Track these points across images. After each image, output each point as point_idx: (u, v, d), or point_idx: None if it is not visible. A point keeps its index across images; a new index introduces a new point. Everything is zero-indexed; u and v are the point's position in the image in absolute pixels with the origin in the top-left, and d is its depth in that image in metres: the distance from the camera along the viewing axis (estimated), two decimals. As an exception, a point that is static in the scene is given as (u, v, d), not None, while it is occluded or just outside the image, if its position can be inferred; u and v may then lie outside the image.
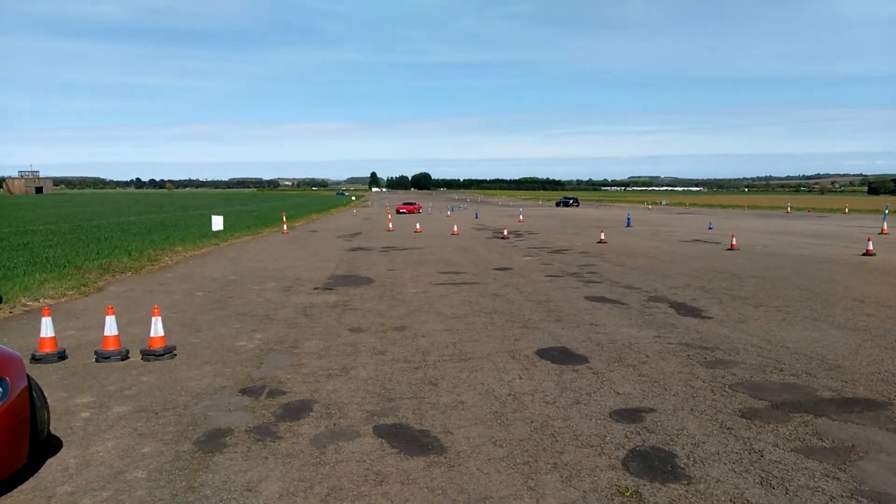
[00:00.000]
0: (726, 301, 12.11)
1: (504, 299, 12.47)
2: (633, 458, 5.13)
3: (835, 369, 7.55)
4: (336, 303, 12.17)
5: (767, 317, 10.63)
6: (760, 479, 4.72)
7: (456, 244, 25.47)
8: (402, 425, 5.90)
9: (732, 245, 22.67)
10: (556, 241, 27.02)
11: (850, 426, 5.77)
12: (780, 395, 6.64)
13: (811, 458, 5.08)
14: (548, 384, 7.09)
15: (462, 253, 21.94)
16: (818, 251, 21.71)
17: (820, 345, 8.70)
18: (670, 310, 11.34)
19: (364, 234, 31.88)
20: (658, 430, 5.71)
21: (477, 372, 7.56)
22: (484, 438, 5.57)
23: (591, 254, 21.28)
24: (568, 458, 5.15)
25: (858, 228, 34.36)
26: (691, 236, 29.12)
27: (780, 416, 6.02)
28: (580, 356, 8.26)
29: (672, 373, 7.47)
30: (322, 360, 8.09)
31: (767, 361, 7.90)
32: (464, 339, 9.17)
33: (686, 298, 12.45)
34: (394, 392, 6.84)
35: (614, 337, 9.29)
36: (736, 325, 10.03)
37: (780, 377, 7.26)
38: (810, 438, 5.50)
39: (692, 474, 4.82)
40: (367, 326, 10.07)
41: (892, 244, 24.32)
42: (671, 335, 9.37)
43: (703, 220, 45.19)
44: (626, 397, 6.64)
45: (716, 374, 7.42)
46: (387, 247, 24.34)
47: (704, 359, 8.06)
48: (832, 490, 4.55)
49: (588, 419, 6.02)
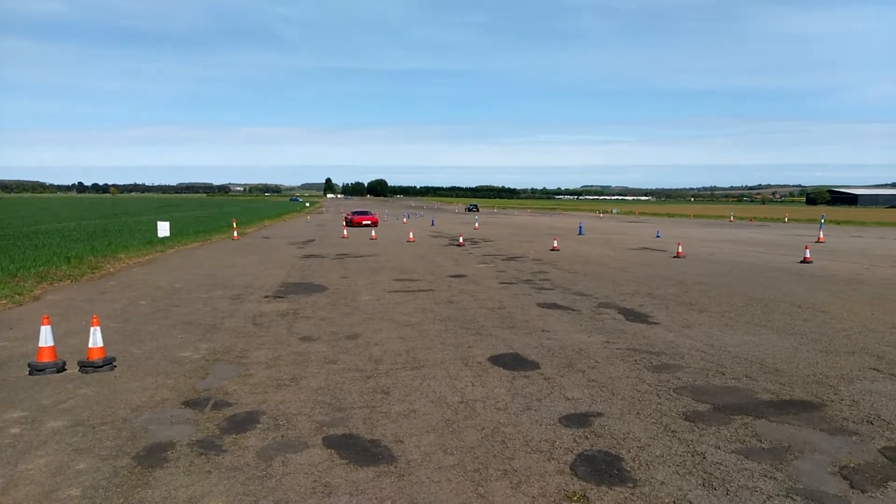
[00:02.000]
0: (672, 307, 12.41)
1: (458, 306, 12.50)
2: (582, 463, 5.20)
3: (773, 372, 7.80)
4: (287, 311, 12.01)
5: (711, 322, 10.93)
6: (703, 481, 4.84)
7: (412, 251, 25.43)
8: (352, 435, 5.84)
9: (679, 253, 23.24)
10: (510, 248, 27.24)
11: (786, 427, 5.97)
12: (722, 398, 6.84)
13: (750, 459, 5.24)
14: (499, 390, 7.13)
15: (417, 260, 21.93)
16: (759, 259, 22.44)
17: (760, 349, 8.99)
18: (619, 316, 11.55)
19: (318, 240, 31.56)
20: (605, 434, 5.80)
21: (430, 380, 7.56)
22: (435, 446, 5.57)
23: (545, 261, 21.52)
24: (518, 464, 5.18)
25: (797, 237, 35.65)
26: (640, 244, 29.73)
27: (721, 419, 6.20)
28: (532, 362, 8.34)
29: (620, 377, 7.61)
30: (271, 371, 7.97)
31: (710, 365, 8.12)
32: (417, 347, 9.16)
33: (634, 305, 12.70)
34: (345, 402, 6.78)
35: (565, 343, 9.41)
36: (681, 330, 10.28)
37: (722, 381, 7.48)
38: (750, 440, 5.67)
39: (637, 477, 4.92)
40: (319, 335, 9.96)
41: (827, 252, 25.30)
42: (620, 341, 9.54)
43: (651, 228, 46.22)
44: (576, 402, 6.73)
45: (661, 378, 7.59)
46: (341, 254, 24.15)
47: (651, 363, 8.24)
48: (769, 490, 4.70)
49: (538, 425, 6.08)
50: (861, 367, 8.01)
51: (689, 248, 26.58)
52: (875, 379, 7.51)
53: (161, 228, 29.78)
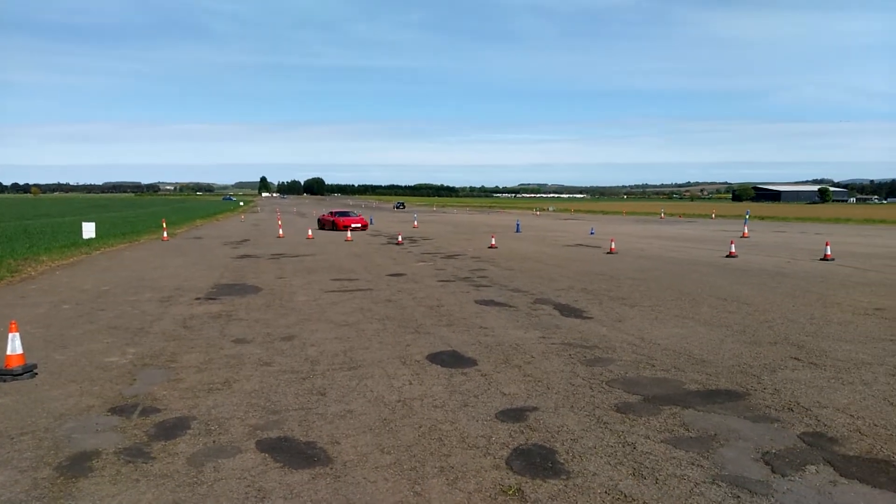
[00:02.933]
0: (605, 302, 12.71)
1: (397, 305, 12.46)
2: (517, 457, 5.27)
3: (700, 363, 8.10)
4: (219, 313, 11.71)
5: (642, 316, 11.25)
6: (633, 471, 4.98)
7: (349, 250, 25.21)
8: (287, 438, 5.75)
9: (612, 249, 23.82)
10: (449, 246, 27.34)
11: (713, 416, 6.21)
12: (652, 389, 7.05)
13: (679, 448, 5.42)
14: (437, 388, 7.15)
15: (355, 259, 21.75)
16: (688, 254, 23.24)
17: (688, 341, 9.31)
18: (555, 311, 11.76)
19: (252, 240, 30.90)
20: (540, 428, 5.90)
21: (367, 379, 7.51)
22: (372, 446, 5.54)
23: (483, 259, 21.69)
24: (454, 461, 5.21)
25: (723, 232, 37.09)
26: (575, 241, 30.34)
27: (651, 409, 6.39)
28: (469, 359, 8.39)
29: (555, 372, 7.75)
30: (202, 374, 7.75)
31: (641, 358, 8.37)
32: (355, 347, 9.08)
33: (569, 300, 12.95)
34: (279, 404, 6.66)
35: (502, 339, 9.51)
36: (614, 324, 10.54)
37: (652, 372, 7.71)
38: (678, 429, 5.86)
39: (571, 469, 5.02)
40: (253, 337, 9.75)
41: (751, 246, 26.42)
42: (555, 336, 9.71)
43: (586, 225, 47.24)
44: (512, 397, 6.81)
45: (595, 371, 7.76)
46: (276, 254, 23.71)
47: (585, 357, 8.42)
48: (697, 477, 4.87)
49: (475, 421, 6.12)
50: (782, 357, 8.39)
51: (622, 244, 27.28)
52: (795, 368, 7.88)
53: (86, 230, 28.57)
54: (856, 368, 7.79)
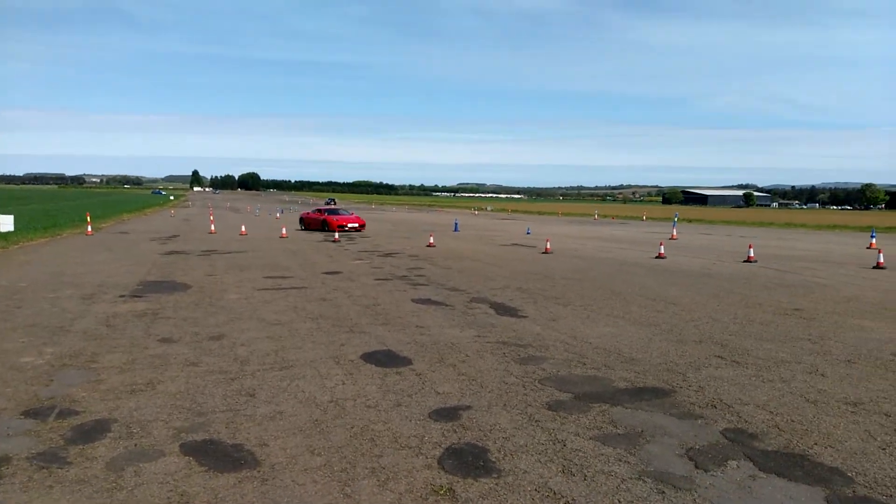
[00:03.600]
0: (540, 301, 12.89)
1: (332, 304, 12.29)
2: (449, 456, 5.26)
3: (629, 361, 8.30)
4: (145, 311, 11.28)
5: (575, 315, 11.46)
6: (563, 468, 5.05)
7: (284, 247, 24.75)
8: (213, 440, 5.57)
9: (547, 249, 24.20)
10: (387, 244, 27.19)
11: (640, 413, 6.36)
12: (583, 387, 7.18)
13: (607, 445, 5.53)
14: (371, 388, 7.08)
15: (290, 256, 21.36)
16: (619, 255, 23.84)
17: (618, 339, 9.53)
18: (490, 310, 11.84)
19: (182, 236, 29.95)
20: (473, 427, 5.91)
21: (299, 380, 7.37)
22: (301, 448, 5.42)
23: (420, 257, 21.67)
24: (386, 462, 5.16)
25: (653, 234, 38.24)
26: (512, 241, 30.69)
27: (581, 407, 6.50)
28: (404, 358, 8.35)
29: (489, 370, 7.79)
30: (125, 375, 7.44)
31: (573, 356, 8.51)
32: (287, 347, 8.90)
33: (505, 299, 13.07)
34: (206, 406, 6.45)
35: (438, 338, 9.50)
36: (548, 323, 10.70)
37: (583, 370, 7.85)
38: (607, 426, 5.98)
39: (502, 467, 5.05)
40: (180, 336, 9.43)
41: (680, 248, 27.33)
42: (490, 334, 9.78)
43: (522, 225, 47.85)
44: (446, 396, 6.80)
45: (528, 369, 7.85)
46: (207, 250, 23.05)
47: (518, 356, 8.50)
48: (623, 473, 4.98)
49: (408, 421, 6.09)
50: (707, 355, 8.69)
51: (557, 244, 27.75)
52: (719, 366, 8.17)
53: (3, 222, 27.08)
54: (775, 366, 8.13)
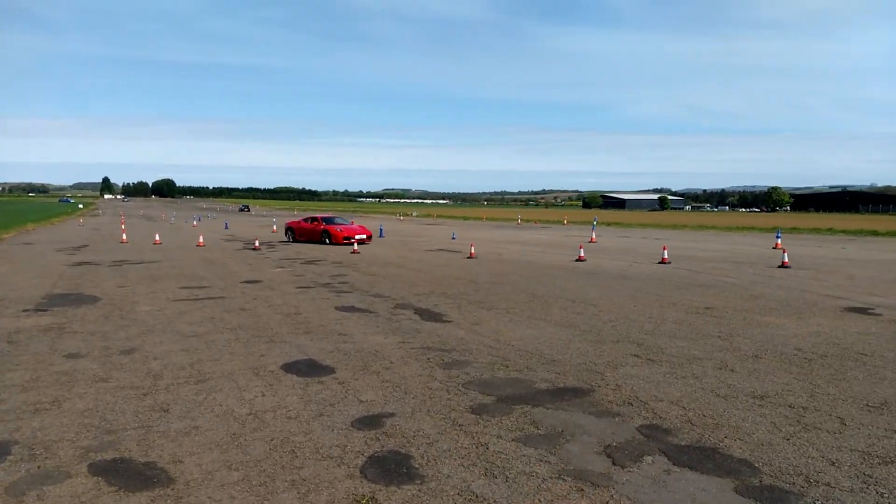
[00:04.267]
0: (464, 305, 12.97)
1: (251, 314, 11.97)
2: (372, 465, 5.20)
3: (551, 363, 8.45)
4: (50, 326, 10.65)
5: (498, 318, 11.59)
6: (485, 471, 5.08)
7: (201, 256, 23.95)
8: (123, 459, 5.31)
9: (471, 254, 24.42)
10: (309, 252, 26.74)
11: (561, 413, 6.48)
12: (505, 389, 7.26)
13: (528, 446, 5.60)
14: (292, 399, 6.92)
15: (207, 266, 20.68)
16: (541, 258, 24.31)
17: (539, 341, 9.70)
18: (415, 316, 11.82)
19: (92, 246, 28.52)
20: (396, 434, 5.87)
21: (216, 393, 7.12)
22: (218, 463, 5.24)
23: (344, 264, 21.42)
24: (307, 473, 5.05)
25: (574, 237, 39.20)
26: (437, 246, 30.79)
27: (504, 409, 6.57)
28: (327, 367, 8.21)
29: (413, 376, 7.77)
30: (28, 394, 7.00)
31: (496, 359, 8.60)
32: (203, 359, 8.59)
33: (429, 305, 13.08)
34: (116, 423, 6.14)
35: (361, 346, 9.40)
36: (471, 327, 10.77)
37: (506, 373, 7.94)
38: (528, 427, 6.07)
39: (425, 473, 5.03)
40: (89, 351, 8.96)
41: (599, 251, 28.13)
42: (414, 340, 9.75)
43: (447, 230, 48.11)
44: (369, 404, 6.73)
45: (451, 374, 7.87)
46: (119, 261, 22.04)
47: (442, 360, 8.52)
48: (544, 473, 5.05)
49: (330, 430, 5.98)
50: (624, 354, 8.95)
51: (481, 248, 28.04)
52: (635, 364, 8.43)
53: None
54: (688, 363, 8.47)
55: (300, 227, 32.25)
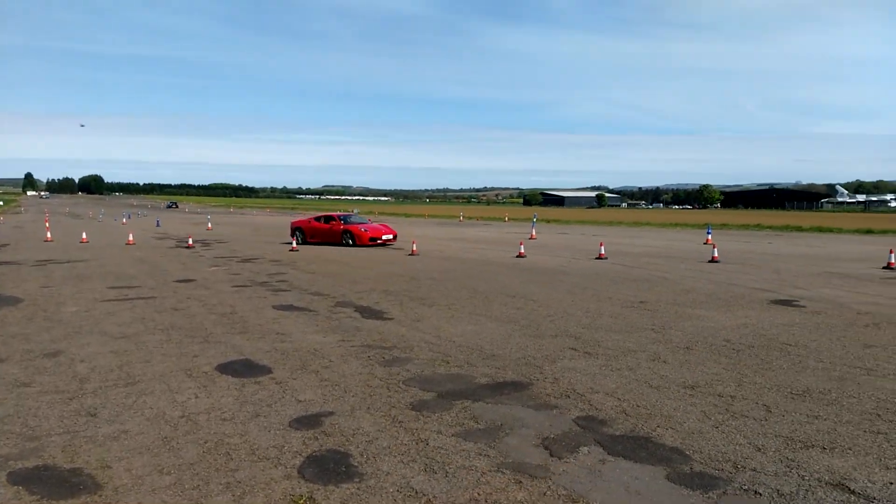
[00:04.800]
0: (405, 302, 12.94)
1: (184, 314, 11.62)
2: (310, 465, 5.12)
3: (491, 358, 8.52)
4: (-34, 329, 10.08)
5: (439, 315, 11.61)
6: (425, 466, 5.08)
7: (131, 255, 23.13)
8: (47, 466, 5.07)
9: (413, 251, 24.39)
10: (246, 250, 26.18)
11: (500, 407, 6.54)
12: (446, 385, 7.27)
13: (468, 441, 5.63)
14: (227, 400, 6.75)
15: (138, 264, 19.99)
16: (482, 255, 24.50)
17: (480, 337, 9.77)
18: (355, 314, 11.72)
19: (14, 244, 27.17)
20: (335, 433, 5.80)
21: (146, 395, 6.88)
22: (149, 468, 5.06)
23: (283, 262, 21.06)
24: (242, 475, 4.93)
25: (514, 234, 39.67)
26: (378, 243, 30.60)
27: (444, 405, 6.58)
28: (264, 367, 8.05)
29: (353, 374, 7.69)
30: (-61, 401, 6.60)
31: (437, 356, 8.61)
32: (133, 361, 8.30)
33: (370, 302, 12.99)
34: (39, 429, 5.86)
35: (300, 344, 9.26)
36: (413, 324, 10.75)
37: (446, 369, 7.96)
38: (468, 422, 6.09)
39: (364, 471, 4.99)
40: (9, 355, 8.52)
41: (539, 247, 28.55)
42: (355, 338, 9.67)
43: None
44: (308, 404, 6.63)
45: (392, 371, 7.83)
46: (43, 260, 21.05)
47: (383, 358, 8.47)
48: (483, 467, 5.08)
49: (267, 431, 5.86)
50: (562, 348, 9.10)
51: (423, 245, 28.03)
52: (573, 357, 8.58)
53: None
54: (623, 356, 8.67)
55: (312, 227, 29.27)
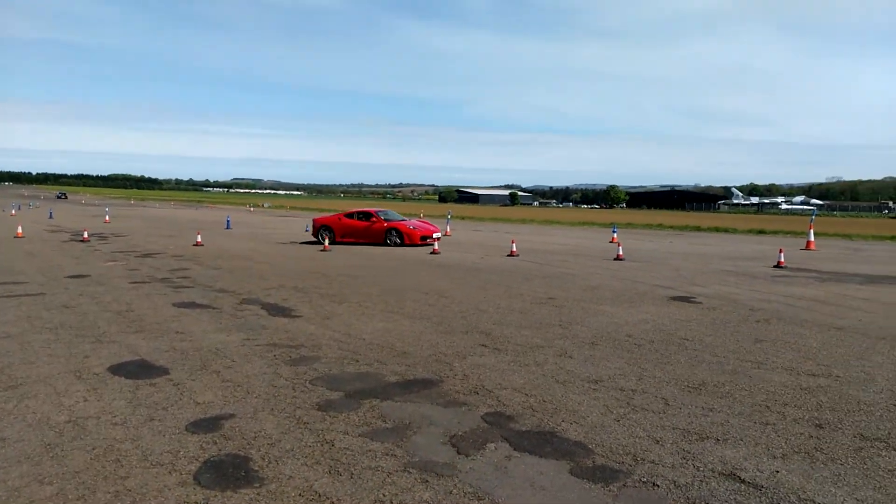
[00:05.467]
0: (315, 299, 12.66)
1: (76, 311, 10.91)
2: (207, 470, 4.88)
3: (401, 355, 8.44)
4: None
5: (350, 312, 11.43)
6: (329, 468, 4.94)
7: (21, 248, 21.58)
8: None
9: (325, 247, 23.98)
10: (146, 244, 24.96)
11: (409, 405, 6.47)
12: (354, 384, 7.14)
13: (375, 440, 5.53)
14: (119, 403, 6.36)
15: (27, 259, 18.65)
16: (395, 251, 24.38)
17: (391, 334, 9.67)
18: (262, 311, 11.36)
19: None
20: (236, 436, 5.56)
21: (29, 399, 6.39)
22: (28, 478, 4.67)
23: (186, 257, 20.20)
24: (133, 483, 4.63)
25: (429, 231, 39.75)
26: (289, 238, 29.97)
27: (352, 405, 6.44)
28: (160, 368, 7.65)
29: (257, 375, 7.42)
30: None
31: (346, 354, 8.44)
32: (15, 363, 7.69)
33: (278, 299, 12.63)
34: None
35: (201, 344, 8.87)
36: (322, 321, 10.53)
37: (355, 367, 7.82)
38: (376, 421, 5.99)
39: (265, 475, 4.80)
40: None
41: (453, 244, 28.70)
42: (260, 337, 9.35)
43: (301, 222, 46.99)
44: (207, 406, 6.34)
45: (298, 371, 7.62)
46: (-85, 254, 19.29)
47: (290, 357, 8.23)
48: (390, 467, 5.00)
49: (161, 436, 5.55)
50: (472, 345, 9.13)
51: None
52: (483, 354, 8.62)
53: None
54: (531, 351, 8.80)
55: (343, 224, 26.84)
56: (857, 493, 4.63)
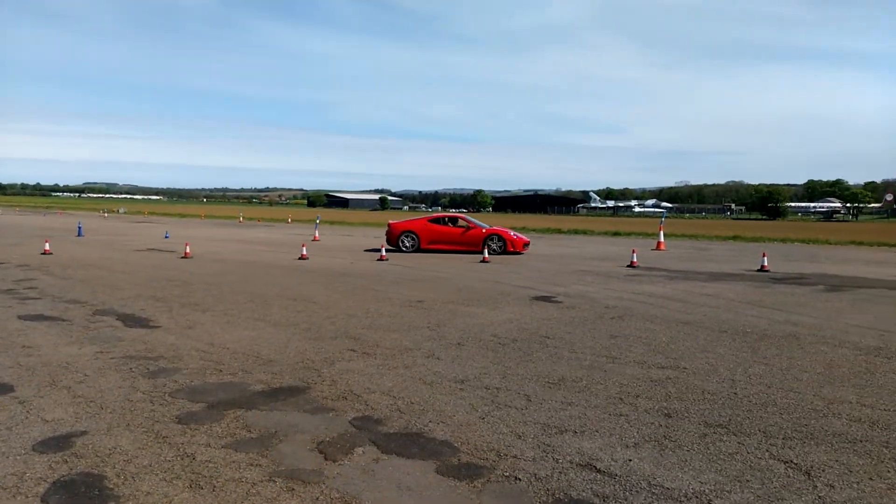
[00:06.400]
0: (176, 309, 12.14)
1: None
2: (56, 491, 4.62)
3: (268, 363, 8.33)
4: None
5: (213, 321, 11.07)
6: (190, 482, 4.83)
7: None
8: None
9: (186, 253, 22.92)
10: (-19, 252, 22.67)
11: (275, 413, 6.43)
12: (217, 394, 6.98)
13: (239, 451, 5.46)
14: (-49, 427, 5.83)
15: None
16: (263, 257, 23.78)
17: (257, 343, 9.50)
18: (117, 322, 10.75)
19: None
20: (88, 454, 5.29)
21: None
22: None
23: (33, 267, 18.61)
24: (-31, 513, 4.31)
25: (298, 236, 39.05)
26: (147, 245, 28.34)
27: (214, 416, 6.31)
28: (5, 385, 7.09)
29: (111, 389, 7.06)
30: None
31: (209, 364, 8.21)
32: None
33: (136, 309, 11.99)
34: None
35: (50, 358, 8.28)
36: (183, 331, 10.13)
37: (219, 378, 7.63)
38: (240, 432, 5.91)
39: (121, 493, 4.62)
40: None
41: (322, 249, 28.40)
42: (115, 349, 8.87)
43: (160, 228, 44.52)
44: (56, 424, 5.97)
45: (157, 383, 7.32)
46: None
47: (148, 369, 7.88)
48: (254, 477, 4.96)
49: (6, 457, 5.18)
50: (341, 350, 9.17)
51: (198, 248, 26.47)
52: (351, 359, 8.69)
53: None
54: (400, 354, 8.97)
55: (431, 229, 25.38)
56: (701, 476, 5.10)
